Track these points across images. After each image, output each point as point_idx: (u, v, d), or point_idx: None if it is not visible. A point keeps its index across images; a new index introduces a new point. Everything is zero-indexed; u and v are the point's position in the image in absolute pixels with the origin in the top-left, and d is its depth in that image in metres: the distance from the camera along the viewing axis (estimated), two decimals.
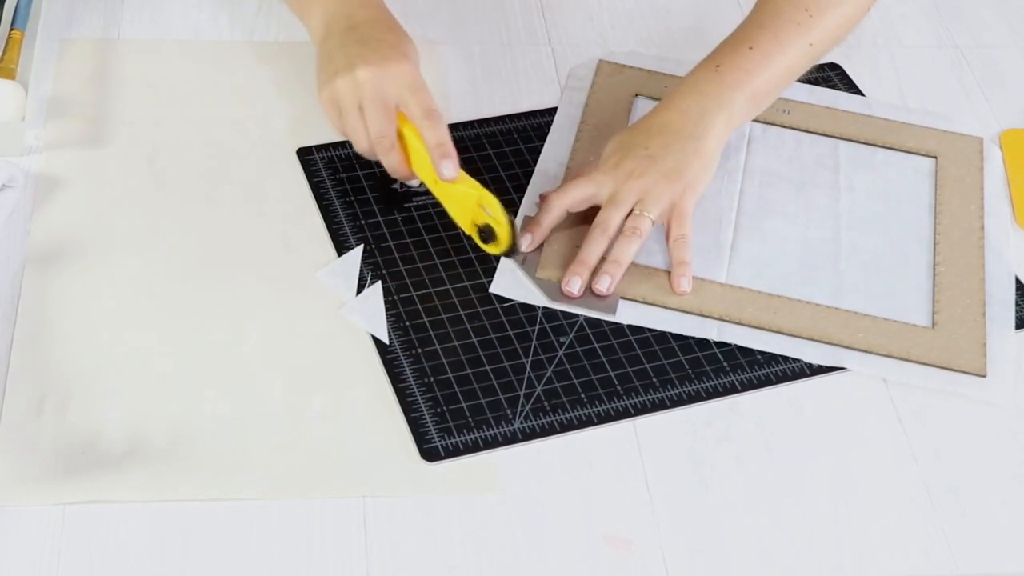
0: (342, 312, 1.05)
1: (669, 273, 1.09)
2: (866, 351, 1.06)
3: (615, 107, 1.24)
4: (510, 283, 1.08)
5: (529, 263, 1.09)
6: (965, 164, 1.21)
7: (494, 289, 1.07)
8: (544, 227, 1.10)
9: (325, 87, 1.10)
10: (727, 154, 1.20)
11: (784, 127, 1.24)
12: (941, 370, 1.06)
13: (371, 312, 1.05)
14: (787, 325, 1.07)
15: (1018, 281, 1.13)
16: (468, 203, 1.08)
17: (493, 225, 1.07)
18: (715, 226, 1.15)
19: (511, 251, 1.08)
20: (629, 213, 1.08)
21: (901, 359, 1.06)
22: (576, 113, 1.23)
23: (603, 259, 1.08)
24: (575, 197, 1.10)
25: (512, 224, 1.07)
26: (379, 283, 1.07)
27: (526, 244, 1.09)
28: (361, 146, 1.11)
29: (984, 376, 1.05)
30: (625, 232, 1.08)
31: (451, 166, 1.06)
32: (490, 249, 1.09)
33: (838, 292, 1.10)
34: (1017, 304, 1.11)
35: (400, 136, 1.09)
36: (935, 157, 1.22)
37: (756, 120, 1.23)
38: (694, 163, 1.10)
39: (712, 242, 1.13)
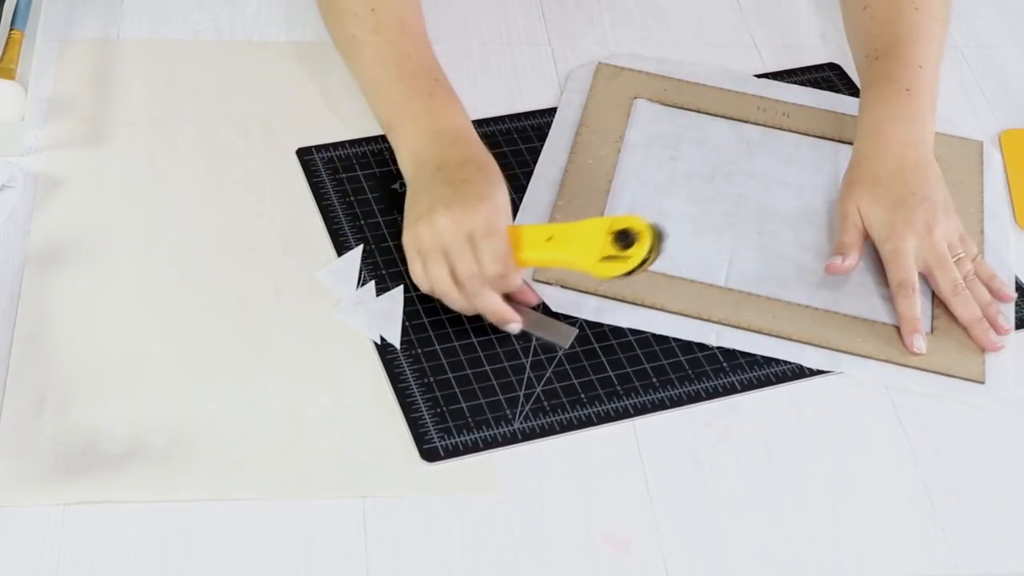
0: (336, 311, 1.05)
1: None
2: (864, 356, 1.06)
3: (614, 110, 1.24)
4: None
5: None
6: (965, 167, 1.21)
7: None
8: (919, 314, 1.07)
9: (407, 231, 1.04)
10: (727, 157, 1.20)
11: (784, 130, 1.24)
12: (940, 376, 1.06)
13: (386, 316, 1.05)
14: (786, 329, 1.07)
15: (1018, 282, 1.13)
16: (593, 235, 1.02)
17: (630, 225, 1.00)
18: (714, 230, 1.14)
19: (653, 247, 1.00)
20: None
21: (899, 365, 1.06)
22: (575, 116, 1.23)
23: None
24: (915, 274, 1.08)
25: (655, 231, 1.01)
26: (400, 287, 1.07)
27: (919, 345, 1.06)
28: (444, 291, 1.03)
29: (983, 383, 1.05)
30: (964, 286, 1.08)
31: (533, 297, 1.04)
32: (631, 255, 1.00)
33: (837, 296, 1.10)
34: (1018, 305, 1.11)
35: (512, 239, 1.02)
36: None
37: (755, 123, 1.23)
38: (942, 186, 1.11)
39: (711, 246, 1.13)
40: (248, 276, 1.08)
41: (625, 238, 1.01)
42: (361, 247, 1.10)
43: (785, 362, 1.05)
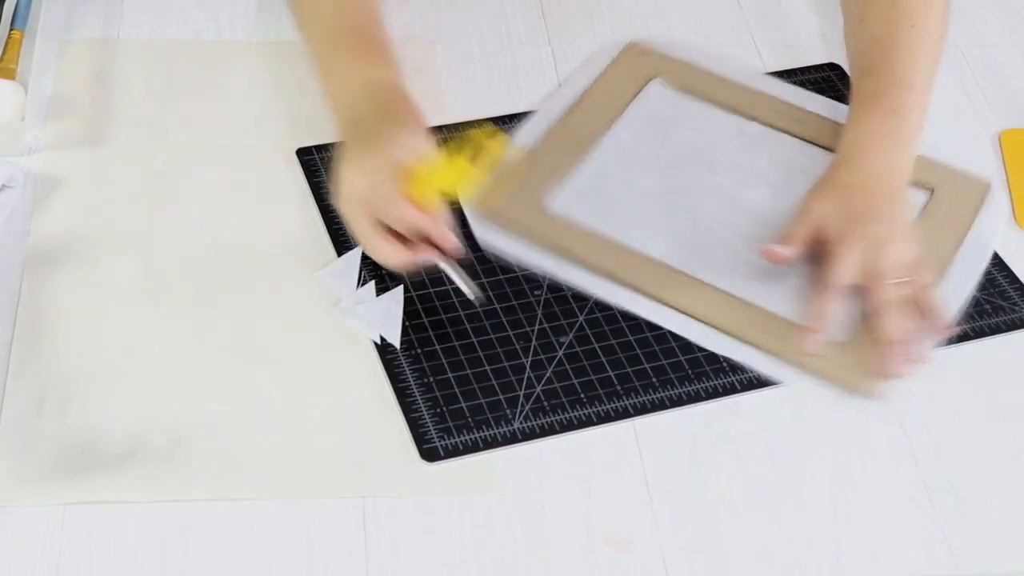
0: (336, 311, 1.05)
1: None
2: (765, 349, 1.05)
3: (625, 86, 1.24)
4: (491, 238, 1.09)
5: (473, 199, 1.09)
6: (962, 203, 1.18)
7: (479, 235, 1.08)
8: (828, 316, 1.06)
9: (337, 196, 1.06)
10: (720, 150, 1.20)
11: (790, 134, 1.23)
12: (831, 383, 1.04)
13: (386, 316, 1.05)
14: (699, 310, 1.07)
15: (1020, 283, 1.13)
16: (447, 168, 1.02)
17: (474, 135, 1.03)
18: (671, 208, 1.14)
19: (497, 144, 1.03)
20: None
21: (795, 364, 1.04)
22: (583, 84, 1.24)
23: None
24: (847, 280, 1.06)
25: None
26: (400, 287, 1.07)
27: (810, 343, 1.04)
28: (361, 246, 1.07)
29: (872, 399, 1.03)
30: (895, 307, 1.06)
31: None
32: (484, 159, 1.02)
33: (764, 291, 1.09)
34: (1017, 307, 1.11)
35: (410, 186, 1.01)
36: (931, 190, 1.18)
37: (764, 123, 1.23)
38: (909, 212, 1.11)
39: (660, 220, 1.13)
40: (248, 276, 1.08)
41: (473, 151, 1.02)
42: (361, 247, 1.10)
43: None
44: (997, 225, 1.17)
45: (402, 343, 1.04)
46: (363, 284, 1.08)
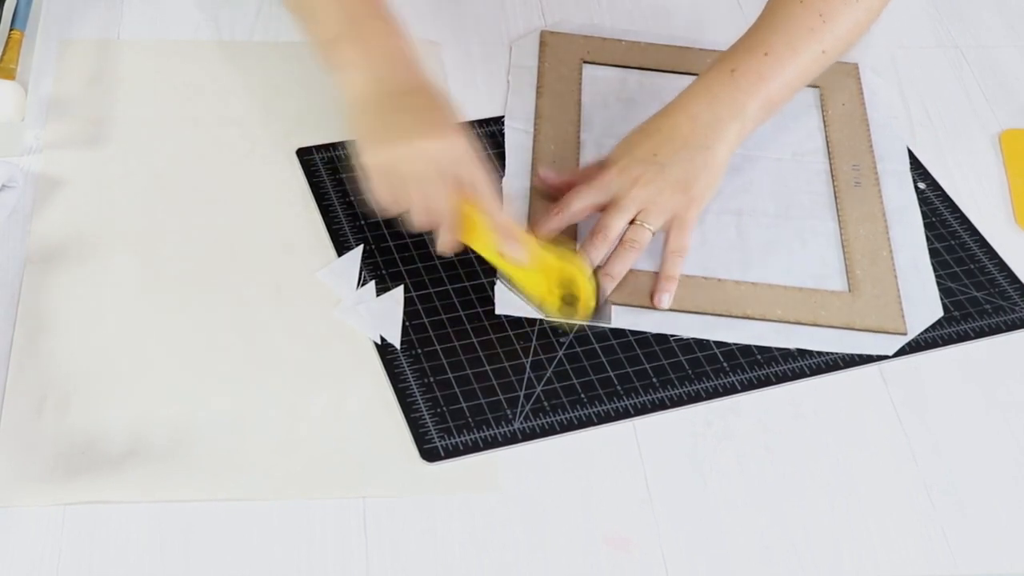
0: (337, 311, 1.05)
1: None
2: (784, 322, 1.07)
3: (566, 75, 1.25)
4: (512, 301, 1.07)
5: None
6: (846, 89, 1.23)
7: (499, 310, 1.06)
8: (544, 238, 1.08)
9: (377, 154, 1.01)
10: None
11: None
12: (862, 333, 1.07)
13: (386, 316, 1.05)
14: (704, 304, 1.07)
15: (1020, 281, 1.14)
16: (548, 274, 1.04)
17: (577, 293, 1.03)
18: None
19: (595, 312, 1.05)
20: (631, 220, 1.08)
21: (825, 327, 1.07)
22: (530, 82, 1.25)
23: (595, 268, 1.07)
24: (581, 206, 1.08)
25: (597, 287, 1.04)
26: (400, 287, 1.07)
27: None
28: (418, 218, 1.02)
29: (905, 334, 1.08)
30: (624, 244, 1.07)
31: (520, 250, 1.02)
32: (577, 312, 1.05)
33: (747, 267, 1.10)
34: (1017, 306, 1.11)
35: (459, 212, 1.02)
36: (818, 87, 1.25)
37: (692, 74, 1.23)
38: (702, 175, 1.08)
39: None
40: (248, 276, 1.08)
41: (571, 299, 1.04)
42: (361, 247, 1.10)
43: (785, 361, 1.05)
44: (879, 99, 1.26)
45: (402, 343, 1.04)
46: (363, 284, 1.08)
